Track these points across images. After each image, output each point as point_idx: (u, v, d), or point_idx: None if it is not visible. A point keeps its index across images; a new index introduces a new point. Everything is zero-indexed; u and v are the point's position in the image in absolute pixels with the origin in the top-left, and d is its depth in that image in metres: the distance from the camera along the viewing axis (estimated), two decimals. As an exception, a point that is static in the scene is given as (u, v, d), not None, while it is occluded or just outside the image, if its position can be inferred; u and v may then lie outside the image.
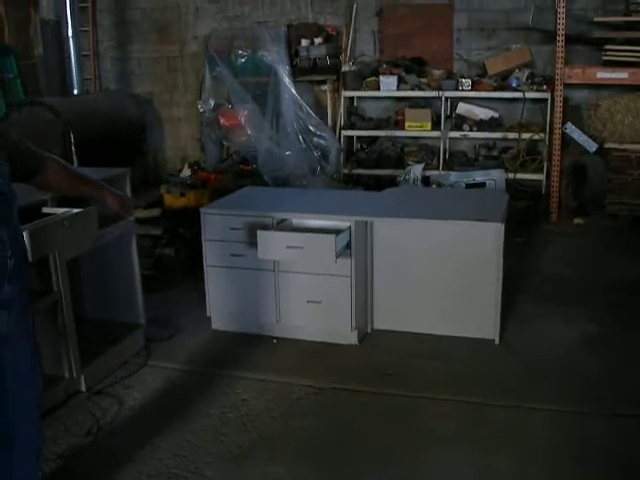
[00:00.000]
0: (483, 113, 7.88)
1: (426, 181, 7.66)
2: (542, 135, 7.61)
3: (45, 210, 3.84)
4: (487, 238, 4.50)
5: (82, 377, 4.23)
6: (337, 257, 4.34)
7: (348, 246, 4.51)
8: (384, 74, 7.82)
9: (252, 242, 4.62)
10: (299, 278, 4.66)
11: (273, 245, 4.42)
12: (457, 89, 7.69)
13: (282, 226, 4.62)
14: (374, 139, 8.22)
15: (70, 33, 7.87)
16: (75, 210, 3.78)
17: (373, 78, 7.90)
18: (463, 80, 7.65)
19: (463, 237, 4.60)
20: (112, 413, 4.06)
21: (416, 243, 4.70)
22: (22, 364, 2.75)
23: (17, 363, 2.71)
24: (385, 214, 4.77)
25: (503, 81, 7.74)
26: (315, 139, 7.78)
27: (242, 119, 7.86)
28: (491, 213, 4.64)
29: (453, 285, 4.68)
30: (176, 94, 9.02)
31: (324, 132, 7.83)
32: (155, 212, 6.30)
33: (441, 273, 4.68)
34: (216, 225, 4.79)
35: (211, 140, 8.27)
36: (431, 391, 4.15)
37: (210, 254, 4.85)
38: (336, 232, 4.39)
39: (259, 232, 4.43)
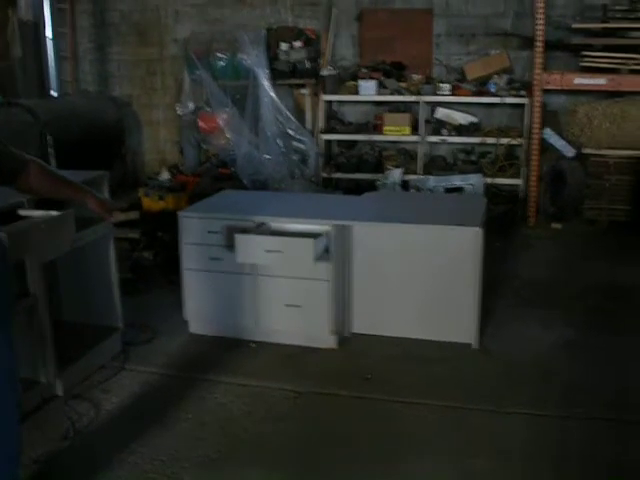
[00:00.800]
0: (462, 118, 7.91)
1: (405, 185, 7.67)
2: (520, 140, 7.65)
3: (21, 213, 3.80)
4: (466, 242, 4.51)
5: (58, 381, 4.19)
6: (316, 261, 4.33)
7: (327, 250, 4.51)
8: (363, 78, 7.84)
9: (230, 245, 4.60)
10: (278, 282, 4.65)
11: (252, 249, 4.40)
12: (436, 94, 7.71)
13: (261, 230, 4.60)
14: (353, 143, 8.23)
15: (49, 35, 7.83)
16: (52, 213, 3.75)
17: (352, 82, 7.91)
18: (442, 85, 7.68)
19: (442, 241, 4.61)
20: (89, 417, 4.02)
21: (395, 247, 4.69)
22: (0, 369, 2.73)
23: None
24: (364, 218, 4.77)
25: (482, 86, 7.77)
26: (294, 143, 7.78)
27: (221, 122, 7.86)
28: (470, 218, 4.66)
29: (432, 289, 4.68)
30: (155, 97, 8.99)
31: (303, 136, 7.84)
32: (133, 215, 6.22)
33: (420, 277, 4.68)
34: (194, 228, 4.76)
35: (190, 143, 8.25)
36: (410, 395, 4.14)
37: (188, 257, 4.82)
38: (315, 236, 4.39)
39: (237, 236, 4.42)
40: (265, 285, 4.68)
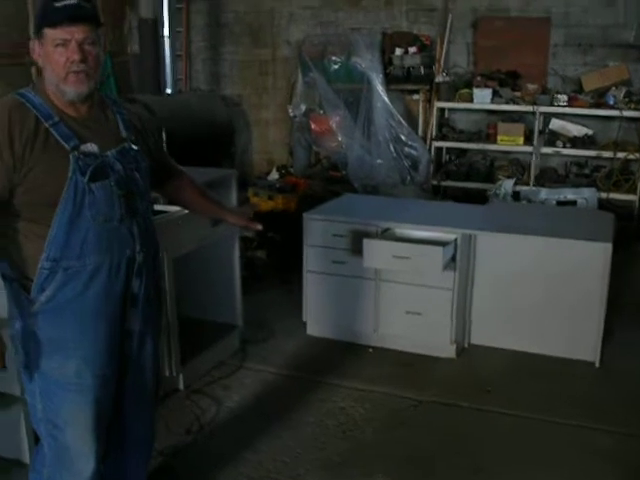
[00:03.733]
0: (576, 130, 7.74)
1: (516, 196, 7.54)
2: (637, 155, 7.44)
3: (157, 207, 3.86)
4: (594, 258, 4.40)
5: (181, 375, 4.25)
6: (443, 269, 4.29)
7: (453, 259, 4.46)
8: (478, 86, 7.74)
9: (354, 250, 4.60)
10: (400, 288, 4.62)
11: (379, 254, 4.38)
12: (552, 104, 7.56)
13: (386, 235, 4.58)
14: (463, 151, 8.14)
15: (166, 33, 7.97)
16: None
17: (466, 90, 7.82)
18: (559, 96, 7.53)
19: (569, 256, 4.50)
20: (211, 413, 4.07)
21: (519, 259, 4.61)
22: (146, 361, 2.76)
23: (140, 359, 2.71)
24: (490, 228, 4.69)
25: (599, 98, 7.59)
26: (406, 149, 7.72)
27: (333, 125, 7.85)
28: (600, 233, 4.55)
29: (554, 304, 4.57)
30: (265, 97, 9.05)
31: (415, 142, 7.77)
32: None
33: (542, 291, 4.59)
34: (318, 231, 4.77)
35: (300, 145, 8.27)
36: (530, 410, 4.07)
37: (310, 259, 4.83)
38: (442, 244, 4.34)
39: (365, 240, 4.40)
40: (387, 291, 4.66)
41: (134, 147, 2.56)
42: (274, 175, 8.12)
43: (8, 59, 7.28)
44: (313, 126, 8.05)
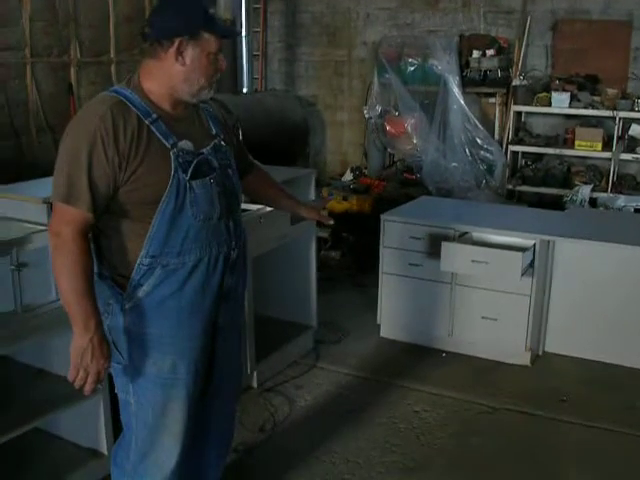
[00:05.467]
0: (657, 136, 7.57)
1: (593, 203, 7.40)
2: None
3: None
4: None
5: (255, 373, 4.28)
6: (522, 275, 4.23)
7: (531, 265, 4.39)
8: (556, 90, 7.61)
9: (431, 253, 4.57)
10: (476, 293, 4.58)
11: (457, 258, 4.35)
12: (633, 110, 7.40)
13: (463, 239, 4.54)
14: (540, 156, 8.01)
15: (244, 33, 8.02)
16: (269, 208, 3.81)
17: (544, 94, 7.69)
18: (640, 101, 7.37)
19: (653, 265, 4.41)
20: (284, 412, 4.10)
21: (600, 267, 4.52)
22: (231, 356, 2.79)
23: (226, 354, 2.73)
24: (569, 234, 4.61)
25: (683, 104, 7.41)
26: (481, 152, 7.63)
27: (409, 127, 7.80)
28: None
29: (636, 314, 4.48)
30: (341, 98, 9.04)
31: (491, 146, 7.67)
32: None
33: (623, 300, 4.50)
34: (396, 233, 4.76)
35: (375, 146, 8.25)
36: (608, 422, 3.99)
37: (387, 261, 4.82)
38: (521, 250, 4.29)
39: (444, 243, 4.37)
40: (463, 295, 4.63)
41: (224, 144, 2.57)
42: (348, 176, 8.11)
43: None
44: (388, 128, 8.01)
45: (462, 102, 7.69)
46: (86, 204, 2.29)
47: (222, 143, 2.56)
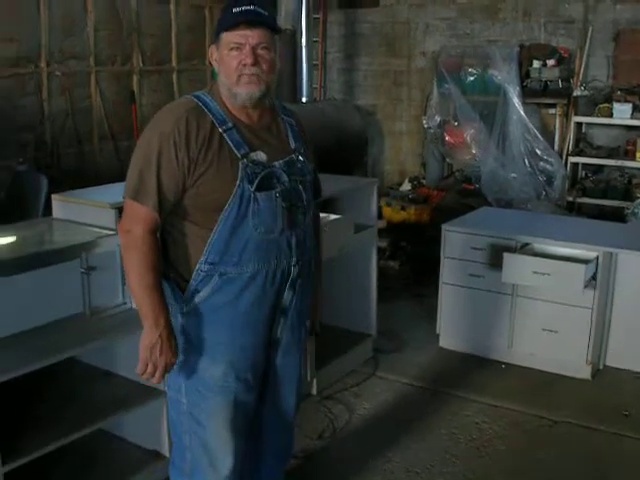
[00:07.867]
0: None
1: (654, 216, 7.30)
2: None
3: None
4: None
5: (315, 380, 4.31)
6: (584, 287, 4.20)
7: (593, 277, 4.36)
8: (618, 101, 7.53)
9: (492, 264, 4.56)
10: (537, 305, 4.55)
11: (519, 269, 4.33)
12: (696, 122, 7.30)
13: (525, 250, 4.52)
14: (600, 168, 7.92)
15: (304, 42, 8.09)
16: (333, 216, 3.84)
17: (606, 104, 7.61)
18: (703, 113, 7.26)
19: None
20: (343, 420, 4.12)
21: (664, 281, 4.47)
22: (292, 371, 2.79)
23: (283, 368, 2.74)
24: (632, 247, 4.55)
25: None
26: (541, 163, 7.57)
27: (468, 137, 7.78)
28: None
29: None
30: (399, 108, 9.05)
31: (550, 157, 7.60)
32: (381, 224, 6.33)
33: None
34: (457, 243, 4.76)
35: (434, 156, 8.24)
36: (672, 439, 3.94)
37: (447, 272, 4.82)
38: (584, 262, 4.26)
39: (506, 255, 4.36)
40: (523, 307, 4.60)
41: (301, 159, 2.56)
42: (406, 186, 8.11)
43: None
44: (447, 138, 7.99)
45: (522, 112, 7.64)
46: (153, 203, 2.35)
47: (299, 158, 2.56)
